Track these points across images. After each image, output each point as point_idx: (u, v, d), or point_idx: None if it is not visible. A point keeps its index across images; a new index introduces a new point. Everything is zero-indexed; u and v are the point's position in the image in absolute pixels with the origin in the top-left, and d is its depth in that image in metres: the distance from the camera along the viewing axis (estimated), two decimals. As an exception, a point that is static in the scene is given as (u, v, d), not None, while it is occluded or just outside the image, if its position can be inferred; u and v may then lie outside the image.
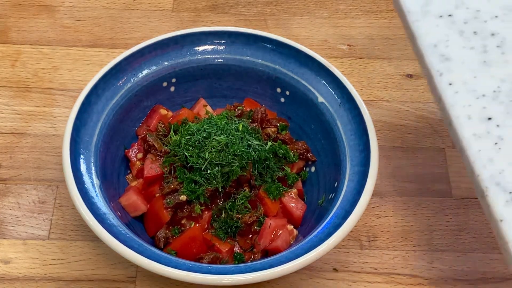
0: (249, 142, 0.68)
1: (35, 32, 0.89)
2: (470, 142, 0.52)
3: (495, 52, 0.56)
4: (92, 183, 0.63)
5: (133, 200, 0.67)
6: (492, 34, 0.58)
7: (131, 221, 0.67)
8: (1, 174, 0.75)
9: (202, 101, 0.76)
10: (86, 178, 0.63)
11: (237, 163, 0.66)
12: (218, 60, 0.74)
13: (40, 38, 0.88)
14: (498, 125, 0.52)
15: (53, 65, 0.85)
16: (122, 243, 0.58)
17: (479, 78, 0.55)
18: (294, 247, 0.61)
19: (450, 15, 0.59)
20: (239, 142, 0.68)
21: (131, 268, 0.68)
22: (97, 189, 0.63)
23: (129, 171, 0.72)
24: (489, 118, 0.53)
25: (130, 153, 0.71)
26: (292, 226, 0.68)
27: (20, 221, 0.71)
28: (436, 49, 0.57)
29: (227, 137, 0.67)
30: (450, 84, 0.55)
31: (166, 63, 0.73)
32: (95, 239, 0.68)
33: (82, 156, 0.64)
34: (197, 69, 0.74)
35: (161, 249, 0.65)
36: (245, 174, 0.67)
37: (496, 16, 0.59)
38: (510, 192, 0.49)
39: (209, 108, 0.76)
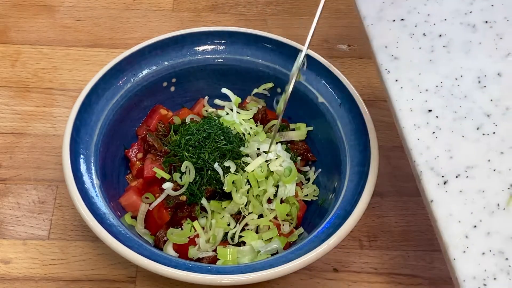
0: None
1: (35, 32, 0.89)
2: (410, 131, 0.57)
3: (441, 51, 0.62)
4: (92, 183, 0.63)
5: (133, 200, 0.67)
6: (440, 35, 0.62)
7: (131, 221, 0.67)
8: (1, 174, 0.75)
9: (202, 101, 0.76)
10: (86, 178, 0.63)
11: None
12: (218, 60, 0.74)
13: (40, 38, 0.88)
14: (437, 117, 0.58)
15: (53, 65, 0.85)
16: (122, 243, 0.58)
17: (424, 75, 0.60)
18: (294, 247, 0.61)
19: (402, 19, 0.64)
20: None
21: (131, 268, 0.68)
22: (97, 189, 0.63)
23: (129, 171, 0.72)
24: (430, 110, 0.58)
25: (130, 153, 0.71)
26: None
27: (20, 221, 0.71)
28: (386, 49, 0.62)
29: (227, 138, 0.68)
30: (396, 80, 0.60)
31: (166, 63, 0.73)
32: (95, 239, 0.68)
33: (82, 156, 0.64)
34: (197, 69, 0.74)
35: (161, 249, 0.65)
36: (245, 174, 0.67)
37: (445, 19, 0.64)
38: (443, 176, 0.55)
39: (209, 108, 0.76)
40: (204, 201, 0.65)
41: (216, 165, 0.65)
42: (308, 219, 0.69)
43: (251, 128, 0.70)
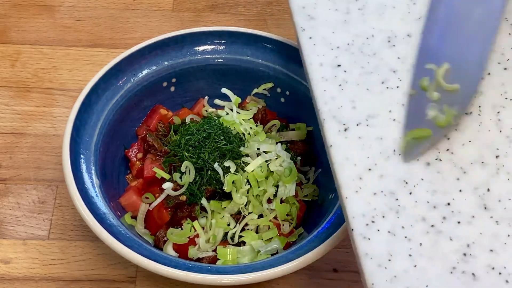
0: (249, 142, 0.68)
1: (35, 32, 0.89)
2: (317, 83, 0.60)
3: (356, 14, 0.64)
4: (92, 183, 0.63)
5: (133, 200, 0.67)
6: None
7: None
8: (1, 174, 0.75)
9: (202, 101, 0.76)
10: (86, 178, 0.63)
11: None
12: (218, 60, 0.74)
13: (40, 38, 0.88)
14: (345, 71, 0.60)
15: (53, 65, 0.85)
16: (122, 243, 0.58)
17: (337, 33, 0.63)
18: (294, 247, 0.61)
19: None
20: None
21: (131, 268, 0.68)
22: (97, 189, 0.63)
23: (129, 171, 0.72)
24: (339, 65, 0.61)
25: (130, 153, 0.71)
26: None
27: (20, 221, 0.71)
28: (304, 10, 0.65)
29: (227, 138, 0.68)
30: (310, 38, 0.63)
31: (166, 63, 0.73)
32: (95, 239, 0.68)
33: (82, 156, 0.64)
34: (197, 69, 0.74)
35: (161, 249, 0.65)
36: (245, 174, 0.67)
37: None
38: (344, 124, 0.57)
39: (209, 108, 0.76)
40: (204, 201, 0.66)
41: (216, 165, 0.65)
42: (308, 219, 0.69)
43: (251, 128, 0.70)
